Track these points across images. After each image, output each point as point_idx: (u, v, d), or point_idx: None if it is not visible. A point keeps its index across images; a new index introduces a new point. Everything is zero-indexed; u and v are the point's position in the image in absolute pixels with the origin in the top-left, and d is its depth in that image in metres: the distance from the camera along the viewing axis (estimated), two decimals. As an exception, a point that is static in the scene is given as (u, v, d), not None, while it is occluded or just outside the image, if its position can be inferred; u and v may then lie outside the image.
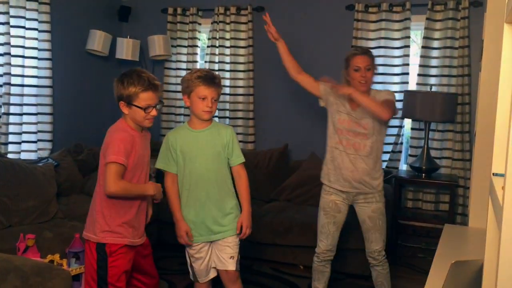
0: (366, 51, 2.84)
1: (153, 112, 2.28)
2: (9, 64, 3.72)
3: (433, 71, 4.12)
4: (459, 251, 2.22)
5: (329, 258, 2.94)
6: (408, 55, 4.15)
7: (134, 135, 2.30)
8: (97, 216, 2.28)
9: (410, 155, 4.25)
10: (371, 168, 2.82)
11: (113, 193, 2.21)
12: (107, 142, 2.26)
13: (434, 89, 4.08)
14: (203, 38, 4.90)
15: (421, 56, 4.12)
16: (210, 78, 2.45)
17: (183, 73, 4.80)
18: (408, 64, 4.18)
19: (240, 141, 4.66)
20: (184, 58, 4.79)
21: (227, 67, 4.63)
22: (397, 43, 4.18)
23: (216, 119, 4.74)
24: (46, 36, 4.01)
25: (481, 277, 1.28)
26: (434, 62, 4.12)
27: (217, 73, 2.95)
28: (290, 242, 3.67)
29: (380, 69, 4.24)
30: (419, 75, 4.13)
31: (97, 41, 4.45)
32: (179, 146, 2.49)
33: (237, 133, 4.65)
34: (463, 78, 3.98)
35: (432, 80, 4.12)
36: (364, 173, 2.81)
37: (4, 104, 3.74)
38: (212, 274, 2.61)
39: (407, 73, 4.19)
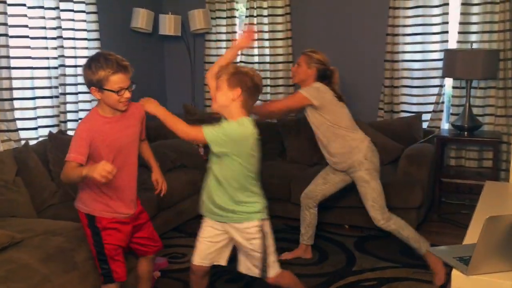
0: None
1: (126, 95, 2.22)
2: (62, 47, 3.95)
3: (474, 28, 4.08)
4: (499, 207, 2.30)
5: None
6: (447, 13, 4.12)
7: (103, 122, 2.24)
8: None
9: (452, 114, 4.27)
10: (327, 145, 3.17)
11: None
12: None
13: (475, 46, 4.04)
14: (240, 8, 4.98)
15: (461, 14, 4.08)
16: None
17: (223, 44, 4.93)
18: (447, 23, 4.15)
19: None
20: (223, 29, 4.91)
21: (266, 35, 4.72)
22: (436, 1, 4.14)
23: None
24: (94, 17, 4.21)
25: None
26: (474, 19, 4.07)
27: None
28: (335, 203, 3.82)
29: (419, 29, 4.24)
30: (459, 33, 4.10)
31: (141, 18, 4.63)
32: None
33: (279, 100, 4.78)
34: (505, 33, 3.93)
35: (473, 37, 4.08)
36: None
37: (61, 85, 3.99)
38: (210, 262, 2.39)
39: (447, 32, 4.17)
